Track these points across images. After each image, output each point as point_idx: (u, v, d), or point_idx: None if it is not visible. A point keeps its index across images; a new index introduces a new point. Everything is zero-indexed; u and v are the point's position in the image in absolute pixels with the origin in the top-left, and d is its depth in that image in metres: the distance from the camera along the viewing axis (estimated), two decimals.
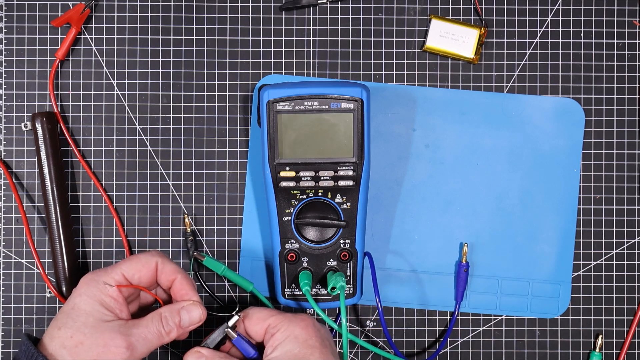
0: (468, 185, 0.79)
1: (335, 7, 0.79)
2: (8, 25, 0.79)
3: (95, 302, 0.64)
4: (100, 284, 0.64)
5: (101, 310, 0.63)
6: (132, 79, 0.79)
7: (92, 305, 0.64)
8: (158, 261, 0.67)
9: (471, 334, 0.80)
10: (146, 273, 0.66)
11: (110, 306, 0.64)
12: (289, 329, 0.67)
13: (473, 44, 0.78)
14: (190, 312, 0.66)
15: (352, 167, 0.72)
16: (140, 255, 0.67)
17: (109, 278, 0.65)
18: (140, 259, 0.67)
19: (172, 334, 0.65)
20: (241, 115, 0.79)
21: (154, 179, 0.79)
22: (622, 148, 0.80)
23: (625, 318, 0.80)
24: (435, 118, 0.79)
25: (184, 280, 0.67)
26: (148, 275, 0.66)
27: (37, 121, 0.77)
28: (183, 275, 0.67)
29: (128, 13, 0.79)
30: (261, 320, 0.68)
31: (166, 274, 0.67)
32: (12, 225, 0.79)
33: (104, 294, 0.64)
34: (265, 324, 0.68)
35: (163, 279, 0.67)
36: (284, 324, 0.67)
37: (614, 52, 0.79)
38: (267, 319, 0.68)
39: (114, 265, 0.67)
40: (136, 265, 0.66)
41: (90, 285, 0.65)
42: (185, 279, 0.67)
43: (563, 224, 0.79)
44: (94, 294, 0.64)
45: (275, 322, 0.68)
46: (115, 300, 0.64)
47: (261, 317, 0.68)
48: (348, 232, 0.75)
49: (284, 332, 0.67)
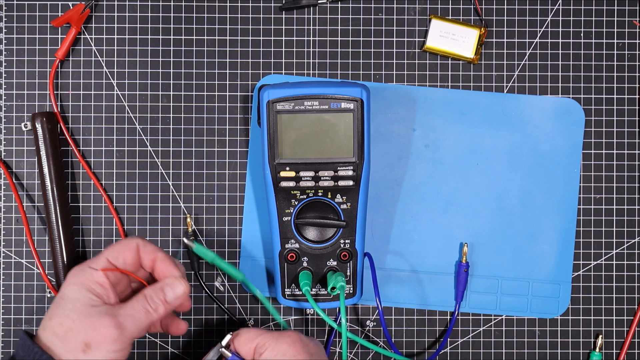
0: (468, 185, 0.79)
1: (335, 7, 0.79)
2: (8, 25, 0.79)
3: (82, 289, 0.65)
4: (87, 270, 0.65)
5: (88, 296, 0.64)
6: (132, 79, 0.79)
7: (79, 292, 0.64)
8: (139, 243, 0.68)
9: (471, 334, 0.80)
10: (129, 255, 0.67)
11: (97, 292, 0.65)
12: (276, 348, 0.68)
13: (473, 44, 0.78)
14: (173, 287, 0.67)
15: (352, 167, 0.72)
16: (122, 240, 0.69)
17: (94, 264, 0.66)
18: (121, 242, 0.68)
19: (160, 310, 0.66)
20: (241, 115, 0.79)
21: (154, 179, 0.79)
22: (622, 148, 0.80)
23: (625, 318, 0.80)
24: (435, 118, 0.79)
25: (165, 258, 0.68)
26: (131, 257, 0.68)
27: (37, 121, 0.77)
28: (163, 254, 0.69)
29: (128, 13, 0.79)
30: (249, 341, 0.69)
31: (147, 254, 0.68)
32: (12, 225, 0.79)
33: (91, 281, 0.65)
34: (253, 344, 0.69)
35: (145, 259, 0.68)
36: (271, 342, 0.68)
37: (614, 52, 0.79)
38: (255, 338, 0.69)
39: (99, 253, 0.68)
40: (119, 249, 0.67)
41: (77, 273, 0.66)
42: (165, 257, 0.68)
43: (563, 224, 0.79)
44: (81, 281, 0.65)
45: (262, 341, 0.69)
46: (101, 285, 0.65)
47: (249, 337, 0.69)
48: (348, 232, 0.75)
49: (272, 351, 0.68)
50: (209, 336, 0.80)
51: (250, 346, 0.69)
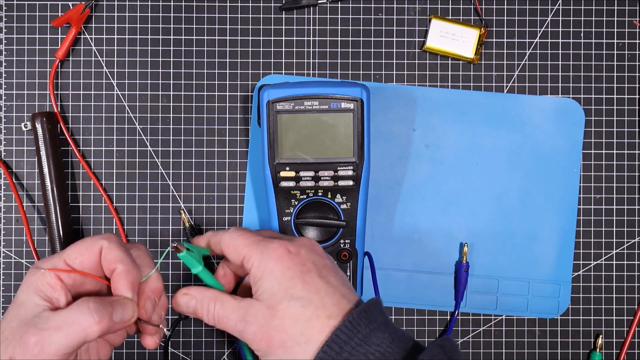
0: (468, 185, 0.79)
1: (335, 7, 0.79)
2: (8, 25, 0.79)
3: (31, 290, 0.57)
4: (39, 271, 0.57)
5: (34, 300, 0.56)
6: (132, 79, 0.79)
7: (27, 295, 0.57)
8: (103, 245, 0.58)
9: (471, 334, 0.80)
10: (89, 257, 0.58)
11: (47, 295, 0.57)
12: (262, 264, 0.59)
13: (473, 44, 0.78)
14: (124, 308, 0.57)
15: (352, 167, 0.72)
16: (87, 238, 0.59)
17: (49, 264, 0.57)
18: (84, 241, 0.59)
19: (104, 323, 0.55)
20: (241, 115, 0.79)
21: (154, 179, 0.79)
22: (622, 148, 0.80)
23: (625, 318, 0.80)
24: (435, 118, 0.79)
25: (123, 274, 0.58)
26: (91, 259, 0.58)
27: (37, 121, 0.77)
28: (125, 267, 0.58)
29: (128, 13, 0.79)
30: (237, 251, 0.61)
31: (107, 262, 0.58)
32: (12, 225, 0.79)
33: (41, 282, 0.57)
34: (240, 255, 0.61)
35: (105, 266, 0.58)
36: (256, 257, 0.60)
37: (614, 52, 0.79)
38: (242, 250, 0.61)
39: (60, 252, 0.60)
40: (79, 249, 0.58)
41: (31, 273, 0.58)
42: (125, 272, 0.58)
43: (563, 224, 0.79)
44: (31, 282, 0.57)
45: (248, 254, 0.60)
46: (52, 287, 0.57)
47: (237, 247, 0.61)
48: (348, 232, 0.75)
49: (258, 268, 0.59)
50: (209, 336, 0.80)
51: (238, 257, 0.61)
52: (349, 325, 0.57)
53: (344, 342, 0.56)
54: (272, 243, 0.61)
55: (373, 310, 0.58)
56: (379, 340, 0.56)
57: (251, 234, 0.63)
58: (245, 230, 0.64)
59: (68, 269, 0.58)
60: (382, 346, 0.56)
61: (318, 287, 0.59)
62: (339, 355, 0.56)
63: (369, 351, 0.56)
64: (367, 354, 0.56)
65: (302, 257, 0.60)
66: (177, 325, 0.78)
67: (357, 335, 0.57)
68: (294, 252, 0.61)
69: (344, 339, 0.56)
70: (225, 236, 0.63)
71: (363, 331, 0.57)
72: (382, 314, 0.59)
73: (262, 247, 0.60)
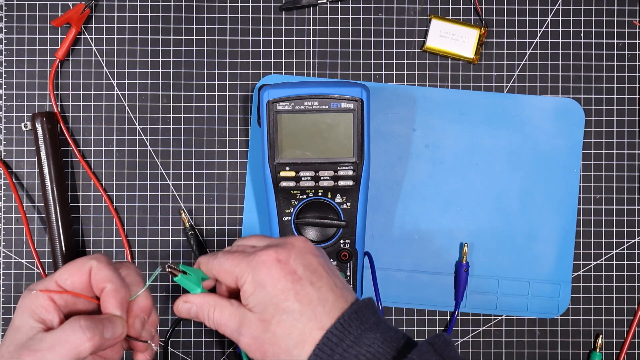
0: (468, 185, 0.79)
1: (335, 7, 0.79)
2: (8, 25, 0.79)
3: (25, 313, 0.58)
4: (32, 293, 0.58)
5: (29, 323, 0.57)
6: (132, 79, 0.79)
7: (22, 319, 0.58)
8: (93, 265, 0.59)
9: (471, 334, 0.80)
10: (79, 277, 0.59)
11: (41, 317, 0.57)
12: (254, 279, 0.59)
13: (473, 44, 0.78)
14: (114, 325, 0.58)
15: (352, 167, 0.72)
16: (78, 259, 0.60)
17: (41, 286, 0.58)
18: (75, 262, 0.60)
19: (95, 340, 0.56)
20: (241, 115, 0.79)
21: (154, 179, 0.79)
22: (622, 148, 0.80)
23: (625, 318, 0.80)
24: (435, 118, 0.79)
25: (112, 292, 0.59)
26: (81, 280, 0.59)
27: (37, 121, 0.77)
28: (114, 286, 0.59)
29: (128, 13, 0.79)
30: (229, 274, 0.60)
31: (97, 281, 0.59)
32: (12, 225, 0.79)
33: (34, 304, 0.57)
34: (233, 276, 0.60)
35: (94, 285, 0.59)
36: (248, 273, 0.59)
37: (614, 52, 0.79)
38: (233, 271, 0.60)
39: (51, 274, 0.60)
40: (70, 270, 0.59)
41: (24, 296, 0.58)
42: (114, 291, 0.59)
43: (563, 224, 0.79)
44: (25, 305, 0.58)
45: (240, 273, 0.59)
46: (45, 309, 0.57)
47: (228, 270, 0.60)
48: (348, 232, 0.75)
49: (250, 284, 0.59)
50: (209, 336, 0.80)
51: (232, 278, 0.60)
52: (340, 328, 0.57)
53: (335, 344, 0.56)
54: (261, 255, 0.59)
55: (365, 311, 0.58)
56: (370, 341, 0.57)
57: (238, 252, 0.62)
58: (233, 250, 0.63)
59: (59, 290, 0.58)
60: (373, 346, 0.56)
61: (310, 296, 0.58)
62: (331, 357, 0.56)
63: (360, 352, 0.56)
64: (359, 355, 0.56)
65: (292, 264, 0.59)
66: (177, 325, 0.78)
67: (348, 337, 0.57)
68: (284, 259, 0.59)
69: (335, 342, 0.56)
70: (215, 263, 0.62)
71: (354, 332, 0.57)
72: (375, 313, 0.59)
73: (252, 261, 0.59)
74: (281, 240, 0.61)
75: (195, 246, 0.78)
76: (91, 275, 0.59)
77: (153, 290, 0.79)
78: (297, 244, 0.61)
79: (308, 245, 0.61)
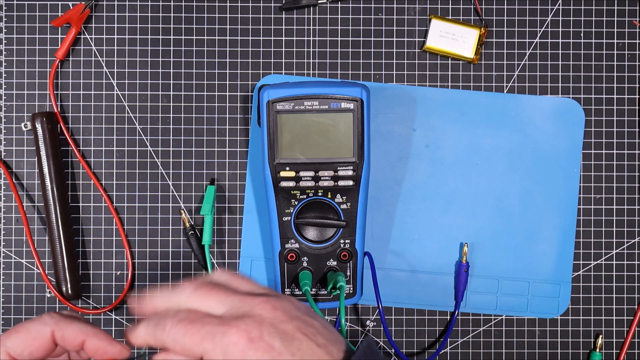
0: (468, 185, 0.79)
1: (335, 7, 0.79)
2: (8, 25, 0.79)
3: None
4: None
5: None
6: (132, 79, 0.79)
7: None
8: (54, 330, 0.55)
9: (471, 334, 0.80)
10: (40, 345, 0.54)
11: None
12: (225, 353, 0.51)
13: (473, 44, 0.78)
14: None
15: (352, 167, 0.72)
16: (29, 326, 0.55)
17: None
18: (29, 330, 0.54)
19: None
20: (241, 115, 0.79)
21: (154, 179, 0.79)
22: (622, 148, 0.80)
23: (625, 318, 0.80)
24: (435, 118, 0.79)
25: (99, 333, 0.56)
26: (43, 347, 0.54)
27: (37, 121, 0.77)
28: (93, 332, 0.56)
29: (128, 13, 0.79)
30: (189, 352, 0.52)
31: (70, 340, 0.55)
32: (12, 225, 0.79)
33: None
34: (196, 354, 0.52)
35: (68, 345, 0.55)
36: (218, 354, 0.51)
37: (614, 52, 0.79)
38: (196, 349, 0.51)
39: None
40: (25, 339, 0.54)
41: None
42: (96, 336, 0.56)
43: (563, 224, 0.79)
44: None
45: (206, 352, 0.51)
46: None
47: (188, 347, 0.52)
48: (348, 232, 0.75)
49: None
50: None
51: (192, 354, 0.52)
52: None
53: None
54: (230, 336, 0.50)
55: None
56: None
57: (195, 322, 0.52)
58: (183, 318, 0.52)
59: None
60: None
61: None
62: None
63: None
64: None
65: (267, 339, 0.51)
66: None
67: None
68: (257, 336, 0.50)
69: None
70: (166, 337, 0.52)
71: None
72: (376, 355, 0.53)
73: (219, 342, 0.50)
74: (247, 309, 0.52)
75: (196, 246, 0.78)
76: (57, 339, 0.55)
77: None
78: (266, 314, 0.52)
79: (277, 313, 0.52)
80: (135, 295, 0.56)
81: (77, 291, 0.77)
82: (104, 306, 0.79)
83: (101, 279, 0.79)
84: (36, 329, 0.54)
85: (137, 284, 0.79)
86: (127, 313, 0.79)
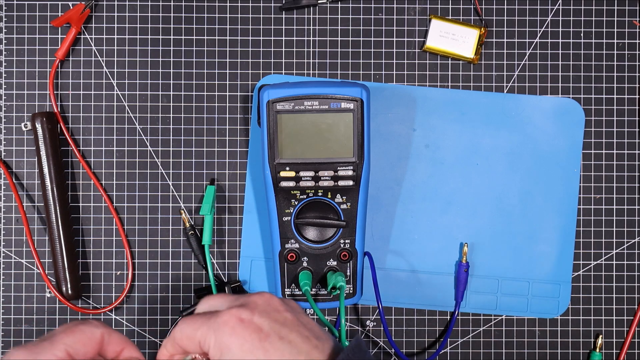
0: (468, 185, 0.79)
1: (335, 7, 0.79)
2: (8, 25, 0.79)
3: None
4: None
5: None
6: (132, 79, 0.79)
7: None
8: (104, 332, 0.57)
9: (471, 334, 0.80)
10: (93, 346, 0.56)
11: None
12: (218, 342, 0.54)
13: (473, 44, 0.78)
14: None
15: (352, 167, 0.72)
16: (82, 327, 0.57)
17: (51, 355, 0.54)
18: (84, 330, 0.56)
19: None
20: (241, 115, 0.79)
21: (154, 179, 0.79)
22: (622, 148, 0.80)
23: (625, 318, 0.80)
24: (435, 118, 0.79)
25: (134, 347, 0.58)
26: (94, 348, 0.56)
27: (37, 121, 0.77)
28: (131, 343, 0.59)
29: (128, 13, 0.79)
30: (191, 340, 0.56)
31: (113, 345, 0.57)
32: (12, 225, 0.79)
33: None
34: (196, 341, 0.56)
35: (110, 350, 0.57)
36: (210, 336, 0.55)
37: (614, 52, 0.79)
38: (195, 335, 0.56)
39: (52, 338, 0.55)
40: (81, 339, 0.55)
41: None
42: (133, 347, 0.58)
43: (563, 224, 0.79)
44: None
45: (202, 336, 0.55)
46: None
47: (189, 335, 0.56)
48: (348, 232, 0.75)
49: (215, 347, 0.54)
50: None
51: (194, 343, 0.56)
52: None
53: None
54: (222, 316, 0.55)
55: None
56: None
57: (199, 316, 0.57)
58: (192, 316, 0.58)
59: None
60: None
61: (280, 351, 0.53)
62: None
63: None
64: None
65: (256, 321, 0.54)
66: None
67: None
68: (247, 318, 0.54)
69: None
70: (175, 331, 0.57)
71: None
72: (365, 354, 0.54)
73: (213, 323, 0.55)
74: (244, 300, 0.56)
75: (196, 246, 0.78)
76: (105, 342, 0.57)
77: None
78: (260, 301, 0.56)
79: (273, 301, 0.56)
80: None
81: (77, 291, 0.77)
82: (104, 306, 0.79)
83: (101, 279, 0.79)
84: (90, 330, 0.56)
85: (137, 284, 0.79)
86: (127, 313, 0.79)
